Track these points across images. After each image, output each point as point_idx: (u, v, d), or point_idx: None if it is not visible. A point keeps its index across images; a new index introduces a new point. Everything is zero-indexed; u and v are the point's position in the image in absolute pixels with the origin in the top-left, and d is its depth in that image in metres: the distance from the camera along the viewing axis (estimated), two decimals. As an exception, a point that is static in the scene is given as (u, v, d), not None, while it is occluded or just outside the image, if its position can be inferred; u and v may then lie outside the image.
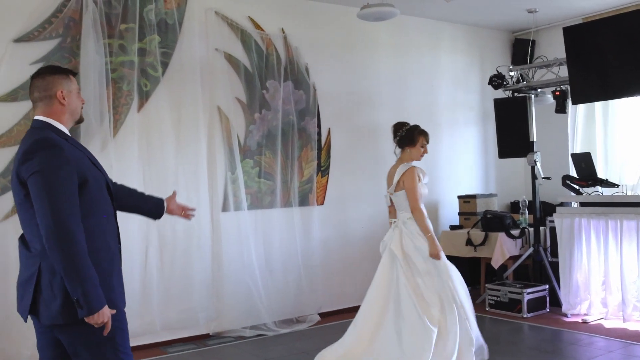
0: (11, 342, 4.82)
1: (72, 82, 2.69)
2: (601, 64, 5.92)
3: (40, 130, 2.56)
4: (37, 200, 2.40)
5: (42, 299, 2.49)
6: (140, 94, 5.43)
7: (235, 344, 5.55)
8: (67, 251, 2.37)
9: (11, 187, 2.61)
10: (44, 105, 2.62)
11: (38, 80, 2.65)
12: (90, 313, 2.40)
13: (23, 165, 2.44)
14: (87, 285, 2.39)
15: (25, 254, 2.59)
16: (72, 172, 2.46)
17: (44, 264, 2.48)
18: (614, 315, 5.85)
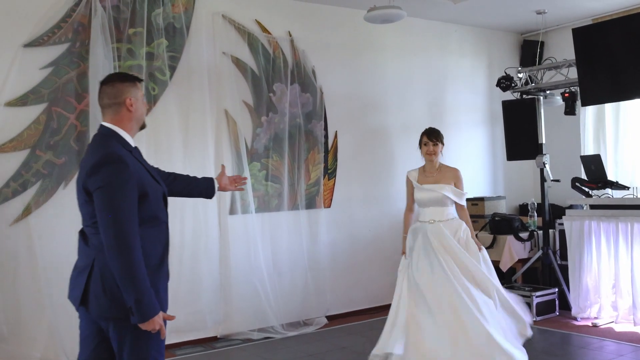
0: (21, 345, 4.85)
1: (139, 90, 2.81)
2: (611, 65, 5.89)
3: (107, 140, 2.69)
4: (101, 213, 2.55)
5: (92, 292, 2.62)
6: (148, 98, 5.45)
7: (242, 346, 5.56)
8: (126, 263, 2.50)
9: (76, 188, 2.75)
10: (113, 112, 2.75)
11: (108, 87, 2.76)
12: (143, 320, 2.52)
13: (90, 178, 2.58)
14: (141, 295, 2.50)
15: (83, 247, 2.76)
16: (133, 188, 2.59)
17: (97, 260, 2.62)
18: (624, 318, 5.81)
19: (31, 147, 4.95)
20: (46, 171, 5.00)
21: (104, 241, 2.54)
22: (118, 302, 2.56)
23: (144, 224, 2.63)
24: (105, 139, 2.71)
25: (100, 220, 2.55)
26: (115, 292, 2.56)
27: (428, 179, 4.74)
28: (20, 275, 4.89)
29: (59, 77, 5.07)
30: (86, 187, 2.61)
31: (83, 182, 2.63)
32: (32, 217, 4.93)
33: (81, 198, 2.69)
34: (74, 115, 5.13)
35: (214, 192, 3.38)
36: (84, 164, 2.67)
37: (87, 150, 2.77)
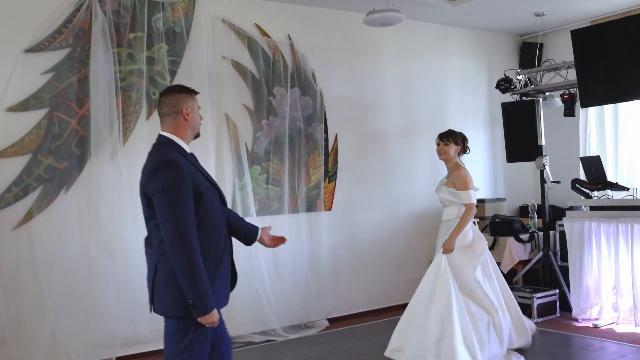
0: (23, 349, 4.87)
1: (195, 101, 3.02)
2: (610, 66, 5.91)
3: (164, 147, 2.89)
4: (161, 215, 2.73)
5: (156, 292, 2.84)
6: (149, 102, 5.48)
7: (244, 349, 5.56)
8: (186, 261, 2.67)
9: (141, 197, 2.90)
10: (171, 120, 2.95)
11: (167, 97, 2.98)
12: (203, 314, 2.72)
13: (148, 183, 2.78)
14: (202, 291, 2.69)
15: (148, 251, 2.94)
16: (189, 189, 2.75)
17: (160, 263, 2.81)
18: (625, 319, 5.82)
19: (32, 152, 4.97)
20: (48, 176, 5.02)
21: (165, 240, 2.71)
22: (176, 303, 2.75)
23: (202, 224, 2.79)
24: (162, 146, 2.91)
25: (160, 221, 2.73)
26: (172, 292, 2.76)
27: (445, 180, 4.98)
28: (22, 279, 4.91)
29: (60, 82, 5.09)
30: (146, 191, 2.79)
31: (143, 187, 2.82)
32: (34, 222, 4.95)
33: (143, 204, 2.86)
34: (75, 120, 5.15)
35: (253, 242, 3.47)
36: (144, 170, 2.87)
37: (147, 158, 2.93)
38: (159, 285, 2.83)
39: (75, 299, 5.07)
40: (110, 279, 5.19)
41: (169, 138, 2.94)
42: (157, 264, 2.83)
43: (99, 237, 5.16)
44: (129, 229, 5.25)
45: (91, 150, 5.17)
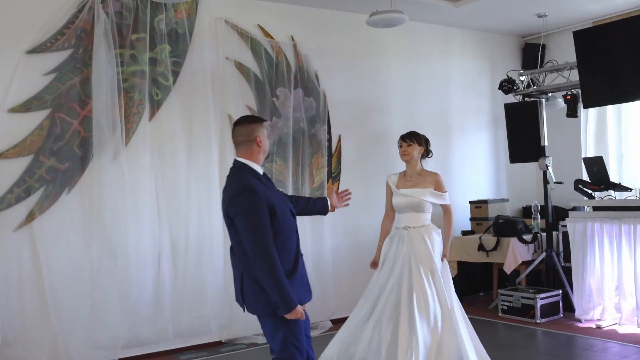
0: (27, 349, 4.87)
1: (265, 129, 3.41)
2: (612, 67, 5.90)
3: (242, 172, 3.31)
4: (244, 233, 3.14)
5: (247, 296, 3.27)
6: (151, 103, 5.48)
7: (247, 351, 5.56)
8: (269, 270, 3.08)
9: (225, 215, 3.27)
10: (246, 147, 3.35)
11: (241, 127, 3.38)
12: (288, 311, 3.11)
13: (230, 206, 3.19)
14: (284, 293, 3.09)
15: (233, 260, 3.36)
16: (264, 209, 3.14)
17: (245, 272, 3.24)
18: (628, 320, 5.81)
19: (34, 153, 4.96)
20: (50, 177, 5.01)
21: (250, 255, 3.13)
22: (264, 303, 3.17)
23: (277, 236, 3.17)
24: (240, 171, 3.32)
25: (244, 240, 3.14)
26: (261, 295, 3.17)
27: (407, 183, 4.57)
28: (24, 280, 4.91)
29: (62, 83, 5.09)
30: (229, 212, 3.20)
31: (226, 209, 3.23)
32: (36, 223, 4.95)
33: (226, 222, 3.27)
34: (77, 121, 5.14)
35: (327, 210, 3.90)
36: (225, 193, 3.29)
37: (227, 181, 3.35)
38: (247, 290, 3.25)
39: (78, 300, 5.07)
40: (112, 281, 5.18)
41: (245, 163, 3.34)
42: (242, 272, 3.25)
43: (101, 239, 5.16)
44: (131, 230, 5.25)
45: (93, 151, 5.17)
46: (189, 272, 5.56)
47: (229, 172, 3.38)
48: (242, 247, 3.19)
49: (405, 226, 4.48)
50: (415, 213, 4.48)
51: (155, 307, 5.38)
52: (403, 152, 4.58)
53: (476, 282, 7.61)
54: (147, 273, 5.35)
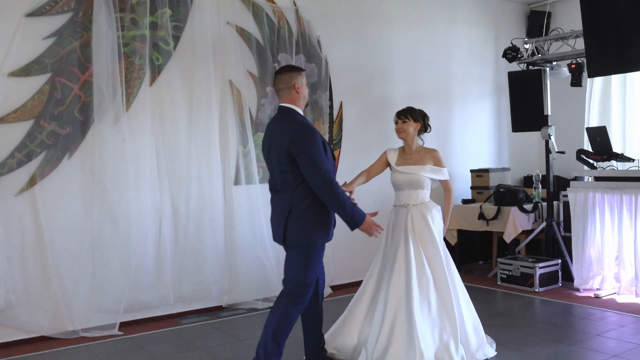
0: (30, 314, 4.92)
1: (304, 77, 3.79)
2: (619, 36, 5.82)
3: (294, 114, 3.70)
4: (309, 168, 3.53)
5: (289, 229, 3.64)
6: (152, 68, 5.44)
7: (247, 315, 5.61)
8: (335, 197, 3.57)
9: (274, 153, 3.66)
10: (286, 93, 3.73)
11: (282, 75, 3.75)
12: (358, 225, 3.67)
13: (294, 145, 3.53)
14: (352, 212, 3.62)
15: (278, 198, 3.73)
16: (321, 146, 3.59)
17: (294, 206, 3.62)
18: (626, 290, 5.84)
19: (35, 117, 4.94)
20: (50, 142, 5.01)
21: (315, 187, 3.55)
22: (302, 235, 3.63)
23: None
24: (291, 114, 3.70)
25: (309, 174, 3.54)
26: (300, 228, 3.62)
27: (406, 160, 4.45)
28: (26, 245, 4.93)
29: (62, 47, 5.04)
30: (290, 151, 3.53)
31: (287, 148, 3.54)
32: (37, 188, 4.95)
33: (283, 160, 3.59)
34: (77, 86, 5.12)
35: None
36: (278, 133, 3.63)
37: (276, 124, 3.72)
38: (292, 224, 3.63)
39: (79, 264, 5.10)
40: (113, 245, 5.21)
41: (291, 107, 3.72)
42: (291, 206, 3.61)
43: (103, 203, 5.17)
44: (132, 196, 5.26)
45: (94, 117, 5.14)
46: (189, 237, 5.58)
47: (277, 116, 3.79)
48: (293, 185, 3.60)
49: (404, 204, 4.40)
50: (415, 190, 4.39)
51: (156, 271, 5.41)
52: (398, 129, 4.47)
53: (476, 250, 7.65)
54: (148, 238, 5.38)
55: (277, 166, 3.67)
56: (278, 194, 3.73)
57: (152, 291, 5.39)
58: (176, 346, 4.77)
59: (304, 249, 3.67)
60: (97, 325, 5.14)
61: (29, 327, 4.92)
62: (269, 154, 3.76)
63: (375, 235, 3.75)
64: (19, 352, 4.69)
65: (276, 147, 3.64)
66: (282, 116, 3.74)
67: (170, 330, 5.23)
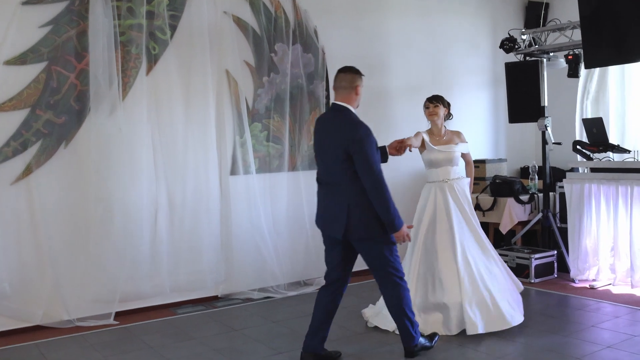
0: (24, 303, 4.92)
1: (362, 81, 4.02)
2: (615, 27, 5.81)
3: (349, 114, 3.89)
4: (364, 166, 3.72)
5: (352, 222, 3.81)
6: (148, 57, 5.42)
7: (243, 305, 5.62)
8: (383, 198, 3.73)
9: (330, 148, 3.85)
10: (346, 93, 3.95)
11: (346, 74, 4.00)
12: (395, 231, 3.81)
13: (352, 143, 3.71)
14: (393, 217, 3.77)
15: (334, 194, 3.89)
16: (375, 144, 3.81)
17: (352, 203, 3.80)
18: (622, 281, 5.86)
19: (31, 106, 4.93)
20: (46, 131, 4.99)
21: (367, 186, 3.73)
22: (367, 229, 3.80)
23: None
24: (348, 113, 3.90)
25: (363, 172, 3.73)
26: (364, 222, 3.79)
27: (440, 140, 4.96)
28: (22, 233, 4.92)
29: (58, 36, 5.02)
30: (348, 150, 3.72)
31: (346, 147, 3.73)
32: (33, 177, 4.94)
33: (340, 156, 3.76)
34: (74, 75, 5.10)
35: (387, 157, 4.25)
36: (336, 130, 3.83)
37: (331, 120, 3.93)
38: (354, 219, 3.80)
39: (75, 254, 5.10)
40: (109, 235, 5.21)
41: (346, 107, 3.91)
42: (348, 203, 3.79)
43: (98, 193, 5.16)
44: (128, 185, 5.25)
45: (90, 106, 5.13)
46: (185, 227, 5.58)
47: (331, 113, 3.99)
48: (351, 180, 3.77)
49: (443, 179, 4.91)
50: (451, 167, 4.93)
51: (152, 261, 5.41)
52: (430, 112, 4.98)
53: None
54: (144, 228, 5.37)
55: (332, 161, 3.85)
56: (333, 187, 3.89)
57: (147, 281, 5.40)
58: (171, 336, 4.78)
59: (374, 242, 3.87)
60: (92, 314, 5.15)
61: (24, 317, 4.92)
62: (322, 148, 3.95)
63: (400, 243, 3.91)
64: (14, 342, 4.70)
65: (333, 143, 3.82)
66: (338, 114, 3.92)
67: (166, 320, 5.23)
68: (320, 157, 3.99)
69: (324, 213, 4.00)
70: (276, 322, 5.09)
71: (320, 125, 4.03)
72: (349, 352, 4.27)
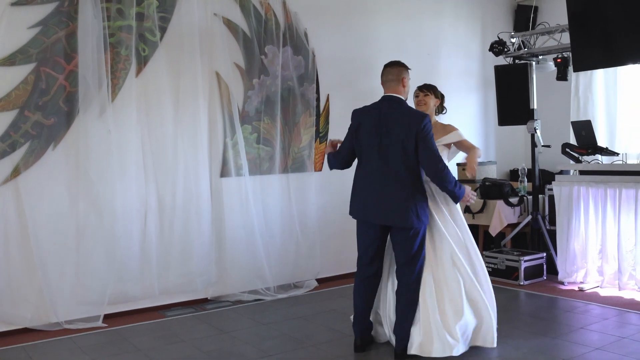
0: (13, 306, 4.88)
1: (409, 74, 4.21)
2: (604, 30, 5.86)
3: (405, 104, 4.13)
4: (427, 153, 3.94)
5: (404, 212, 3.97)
6: (138, 59, 5.40)
7: (233, 308, 5.60)
8: (449, 177, 3.99)
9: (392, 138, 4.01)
10: (394, 84, 4.15)
11: (392, 68, 4.18)
12: (461, 199, 4.11)
13: (421, 132, 3.93)
14: (459, 188, 4.07)
15: (399, 182, 4.00)
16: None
17: (413, 190, 3.99)
18: (609, 283, 5.89)
19: (20, 107, 4.89)
20: (35, 132, 4.96)
21: (431, 172, 3.99)
22: (413, 216, 3.97)
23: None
24: (404, 104, 4.12)
25: (427, 159, 3.95)
26: (412, 210, 3.97)
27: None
28: (10, 236, 4.89)
29: (47, 37, 4.99)
30: (416, 138, 3.93)
31: (415, 135, 3.93)
32: (21, 179, 4.90)
33: (409, 147, 3.94)
34: (62, 76, 5.07)
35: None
36: (398, 120, 4.00)
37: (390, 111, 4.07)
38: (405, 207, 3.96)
39: (64, 256, 5.07)
40: (98, 237, 5.18)
41: (401, 97, 4.13)
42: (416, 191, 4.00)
43: (87, 195, 5.14)
44: (118, 187, 5.23)
45: (79, 107, 5.10)
46: (175, 229, 5.56)
47: (387, 104, 4.12)
48: (417, 171, 3.99)
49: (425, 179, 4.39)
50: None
51: (141, 263, 5.39)
52: (419, 101, 4.60)
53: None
54: (134, 230, 5.35)
55: (393, 150, 3.99)
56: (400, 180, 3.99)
57: (137, 283, 5.37)
58: (161, 338, 4.76)
59: (413, 230, 4.03)
60: (81, 317, 5.11)
61: (12, 319, 4.88)
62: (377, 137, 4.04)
63: (471, 200, 4.16)
64: (1, 345, 4.65)
65: (397, 133, 3.98)
66: (395, 104, 4.09)
67: (155, 322, 5.21)
68: (371, 148, 4.07)
69: (384, 203, 4.03)
70: (266, 324, 5.08)
71: (371, 116, 4.12)
72: (338, 354, 4.27)
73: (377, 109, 4.14)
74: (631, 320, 4.93)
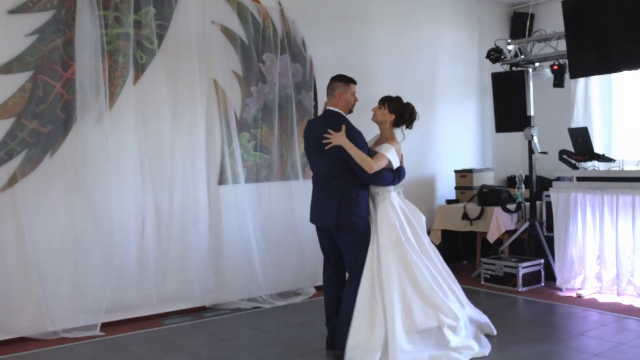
0: (9, 314, 4.85)
1: (350, 88, 4.40)
2: (600, 37, 5.88)
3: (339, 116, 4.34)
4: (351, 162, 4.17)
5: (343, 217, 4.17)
6: (136, 67, 5.40)
7: (231, 316, 5.59)
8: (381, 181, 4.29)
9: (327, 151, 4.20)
10: (331, 99, 4.39)
11: (330, 82, 4.43)
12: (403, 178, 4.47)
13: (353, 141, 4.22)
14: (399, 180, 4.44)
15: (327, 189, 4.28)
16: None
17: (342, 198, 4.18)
18: (608, 289, 5.89)
19: (17, 115, 4.89)
20: (32, 140, 4.95)
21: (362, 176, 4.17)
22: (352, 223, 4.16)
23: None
24: (339, 116, 4.32)
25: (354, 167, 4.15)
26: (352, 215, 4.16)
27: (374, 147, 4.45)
28: (6, 244, 4.87)
29: (44, 45, 4.99)
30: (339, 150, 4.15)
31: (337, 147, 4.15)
32: (18, 187, 4.89)
33: (338, 156, 4.15)
34: (60, 84, 5.07)
35: None
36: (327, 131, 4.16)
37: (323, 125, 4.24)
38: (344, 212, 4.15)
39: (61, 264, 5.05)
40: (95, 245, 5.16)
41: (337, 111, 4.35)
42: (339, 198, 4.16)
43: (85, 203, 5.12)
44: (115, 195, 5.22)
45: (76, 115, 5.10)
46: (173, 237, 5.55)
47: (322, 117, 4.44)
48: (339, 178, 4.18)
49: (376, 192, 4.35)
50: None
51: (139, 271, 5.37)
52: (373, 110, 4.52)
53: (460, 250, 7.68)
54: (131, 238, 5.34)
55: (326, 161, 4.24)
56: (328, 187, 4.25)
57: (134, 291, 5.35)
58: (159, 347, 4.74)
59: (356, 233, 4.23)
60: (78, 325, 5.09)
61: (9, 328, 4.85)
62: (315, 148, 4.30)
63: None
64: (-1, 353, 4.65)
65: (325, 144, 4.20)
66: (329, 118, 4.32)
67: (153, 330, 5.19)
68: (311, 157, 4.43)
69: (319, 208, 4.35)
70: (264, 332, 5.06)
71: (311, 128, 4.44)
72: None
73: (315, 123, 4.53)
74: (630, 326, 4.92)
